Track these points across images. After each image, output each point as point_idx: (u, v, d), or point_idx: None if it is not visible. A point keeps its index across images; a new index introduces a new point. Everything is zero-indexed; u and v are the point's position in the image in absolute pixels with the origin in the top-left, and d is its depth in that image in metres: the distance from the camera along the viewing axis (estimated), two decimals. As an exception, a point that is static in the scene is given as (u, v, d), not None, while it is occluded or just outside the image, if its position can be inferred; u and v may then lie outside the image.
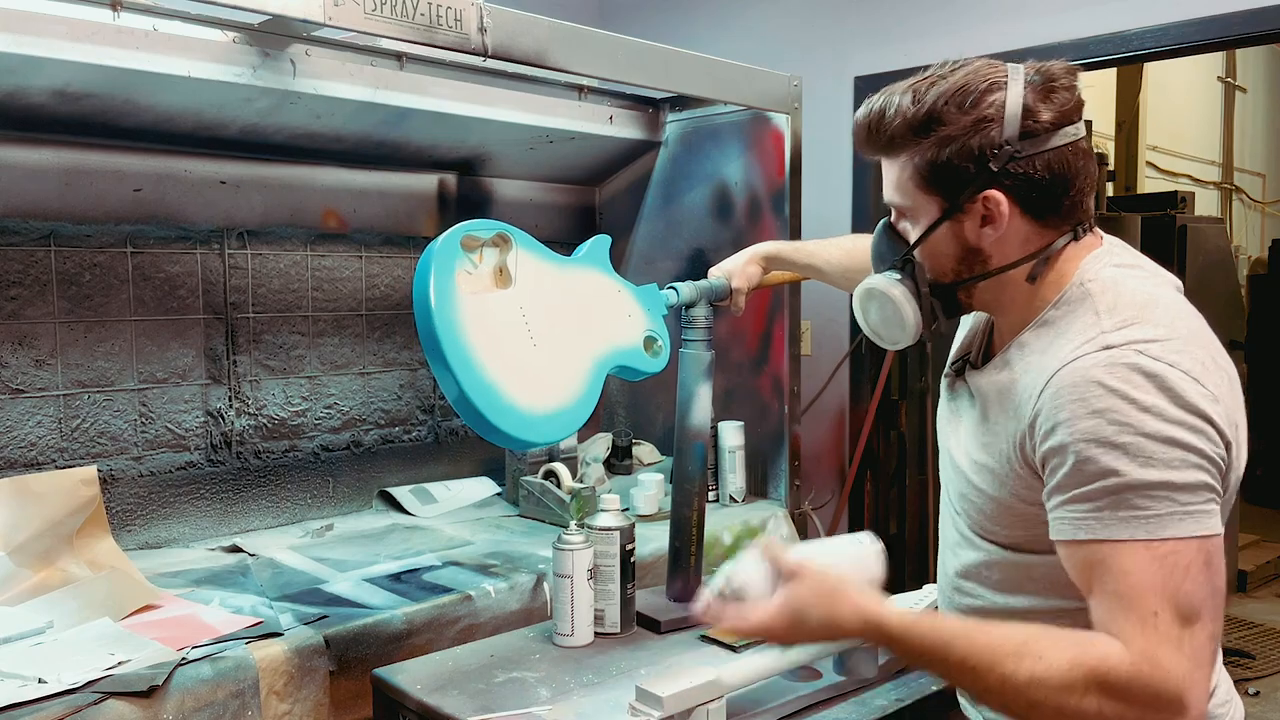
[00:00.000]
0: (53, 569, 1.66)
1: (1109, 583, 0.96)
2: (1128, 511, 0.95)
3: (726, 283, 1.75)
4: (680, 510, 1.75)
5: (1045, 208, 1.08)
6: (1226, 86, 6.76)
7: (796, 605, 1.09)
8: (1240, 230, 7.08)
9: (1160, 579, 0.93)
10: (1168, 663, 0.92)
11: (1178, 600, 0.93)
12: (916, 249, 1.14)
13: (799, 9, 3.12)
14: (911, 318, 1.15)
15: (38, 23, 1.54)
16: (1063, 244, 1.10)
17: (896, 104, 1.09)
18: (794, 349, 2.39)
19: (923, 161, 1.08)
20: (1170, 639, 0.92)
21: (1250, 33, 2.34)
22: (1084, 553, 0.98)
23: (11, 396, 1.84)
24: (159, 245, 2.01)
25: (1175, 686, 0.91)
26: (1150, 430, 0.95)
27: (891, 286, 1.16)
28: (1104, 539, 0.96)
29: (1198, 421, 0.96)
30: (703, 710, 1.27)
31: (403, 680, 1.46)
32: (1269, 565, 5.03)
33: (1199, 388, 0.97)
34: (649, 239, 2.66)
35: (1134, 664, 0.92)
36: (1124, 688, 0.92)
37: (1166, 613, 0.93)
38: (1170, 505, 0.94)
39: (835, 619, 1.08)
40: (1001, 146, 1.05)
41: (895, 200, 1.15)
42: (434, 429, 2.48)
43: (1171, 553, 0.94)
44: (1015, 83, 1.06)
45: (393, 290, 2.37)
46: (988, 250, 1.10)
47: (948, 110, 1.06)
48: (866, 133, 1.13)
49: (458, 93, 2.12)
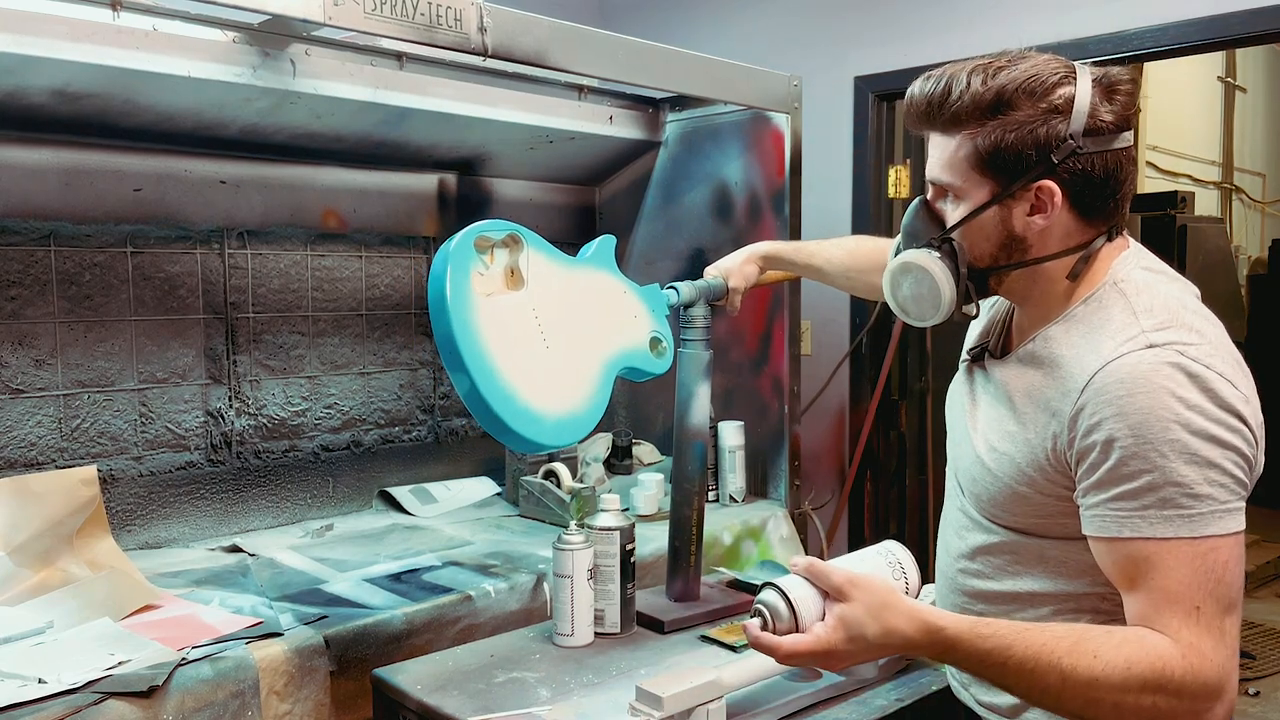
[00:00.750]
0: (53, 569, 1.66)
1: (1154, 579, 0.99)
2: (1173, 510, 0.98)
3: (723, 282, 1.76)
4: (680, 510, 1.75)
5: (1093, 205, 1.10)
6: (1226, 86, 6.76)
7: (852, 623, 1.07)
8: (1240, 230, 7.08)
9: (1202, 575, 0.98)
10: (1212, 654, 0.96)
11: (1217, 594, 0.97)
12: (958, 229, 1.14)
13: (799, 9, 3.12)
14: (948, 295, 1.15)
15: (38, 23, 1.54)
16: (1100, 244, 1.12)
17: (964, 83, 1.09)
18: (794, 349, 2.39)
19: (986, 143, 1.08)
20: (1213, 631, 0.97)
21: (1250, 33, 2.34)
22: (1127, 549, 1.01)
23: (11, 396, 1.84)
24: (159, 245, 2.01)
25: (1218, 675, 0.96)
26: (1196, 428, 0.98)
27: (932, 263, 1.15)
28: (1149, 537, 0.99)
29: (1235, 421, 0.99)
30: (703, 710, 1.27)
31: (403, 680, 1.46)
32: (1269, 565, 5.03)
33: (1234, 390, 1.00)
34: (649, 239, 2.66)
35: (1185, 658, 0.96)
36: (1177, 683, 0.96)
37: (1208, 607, 0.97)
38: (1211, 504, 0.98)
39: (893, 630, 1.06)
40: (1066, 140, 1.06)
41: (943, 178, 1.14)
42: (434, 429, 2.48)
43: (1212, 550, 0.98)
44: (1084, 80, 1.08)
45: (393, 290, 2.37)
46: (1031, 240, 1.12)
47: (1019, 96, 1.07)
48: (926, 106, 1.12)
49: (458, 93, 2.12)
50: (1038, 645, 1.00)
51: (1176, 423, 0.97)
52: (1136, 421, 0.99)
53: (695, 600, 1.75)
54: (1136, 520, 0.99)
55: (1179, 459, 0.97)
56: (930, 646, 1.06)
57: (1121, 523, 1.00)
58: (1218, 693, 0.96)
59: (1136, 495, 0.99)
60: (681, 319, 1.72)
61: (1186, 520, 0.98)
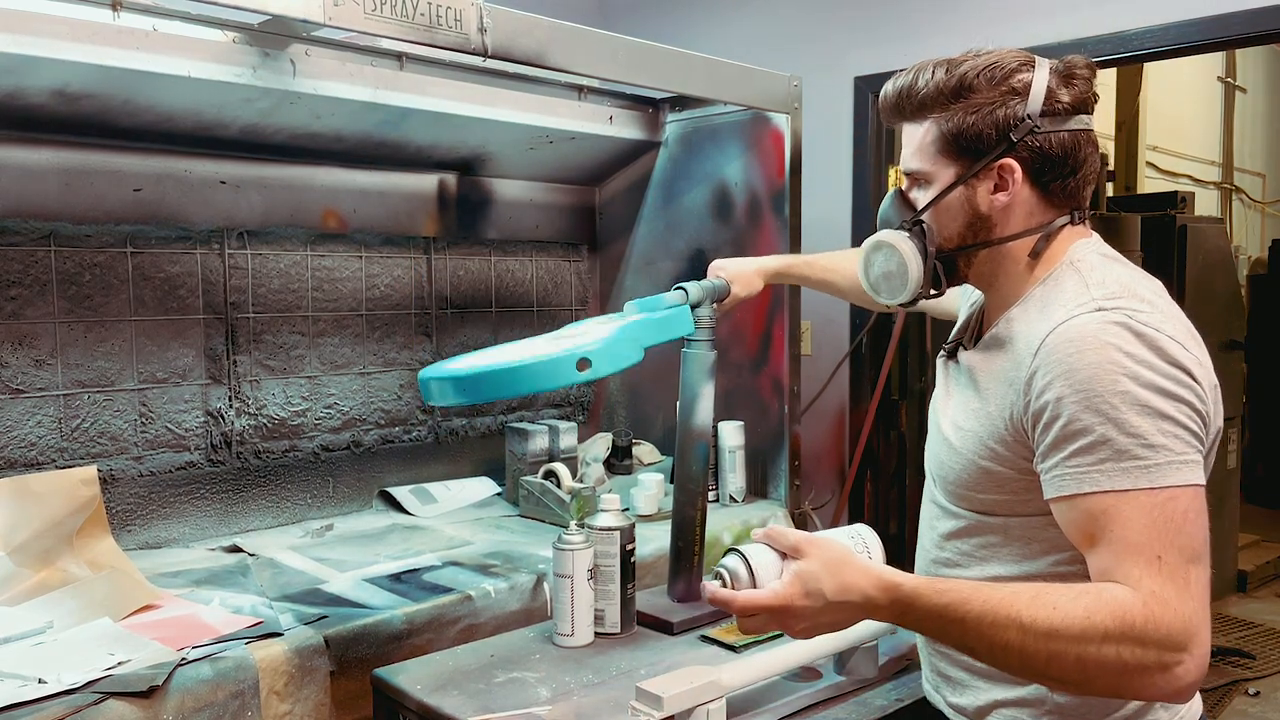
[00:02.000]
0: (53, 569, 1.66)
1: (1114, 531, 0.99)
2: (1129, 462, 0.98)
3: (727, 284, 1.77)
4: (683, 510, 1.75)
5: (1053, 183, 1.15)
6: (1226, 86, 6.76)
7: (809, 578, 1.08)
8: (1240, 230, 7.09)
9: (1162, 525, 0.97)
10: (1176, 602, 0.95)
11: (1179, 544, 0.97)
12: (927, 211, 1.20)
13: (799, 9, 3.12)
14: (915, 273, 1.20)
15: (38, 23, 1.54)
16: (1061, 223, 1.16)
17: (930, 73, 1.16)
18: (794, 349, 2.39)
19: (949, 126, 1.15)
20: (1176, 580, 0.96)
21: (1250, 33, 2.34)
22: (1086, 505, 1.01)
23: (11, 396, 1.84)
24: (159, 245, 2.01)
25: (1184, 624, 0.95)
26: (1145, 380, 0.99)
27: (901, 240, 1.21)
28: (1107, 490, 0.99)
29: (1185, 377, 1.01)
30: (703, 710, 1.27)
31: (403, 680, 1.46)
32: (1269, 565, 5.03)
33: (1184, 350, 1.02)
34: (649, 239, 2.66)
35: (1145, 605, 0.95)
36: (1139, 631, 0.94)
37: (1171, 556, 0.96)
38: (1167, 455, 0.98)
39: (850, 586, 1.06)
40: (1024, 120, 1.12)
41: (913, 165, 1.20)
42: (434, 429, 2.48)
43: (1171, 499, 0.98)
44: (1041, 68, 1.15)
45: (393, 290, 2.37)
46: (995, 218, 1.17)
47: (979, 81, 1.14)
48: (896, 98, 1.20)
49: (458, 93, 2.12)
50: (996, 599, 1.00)
51: (1125, 375, 0.99)
52: (1086, 377, 1.01)
53: (698, 600, 1.75)
54: (1095, 475, 1.00)
55: (1130, 410, 0.98)
56: (890, 606, 1.05)
57: (1080, 479, 1.01)
58: (1183, 643, 0.94)
59: (1091, 450, 1.00)
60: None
61: (1144, 470, 0.98)
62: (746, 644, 1.58)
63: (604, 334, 1.53)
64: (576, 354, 1.43)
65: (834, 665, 1.50)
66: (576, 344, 1.49)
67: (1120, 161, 5.61)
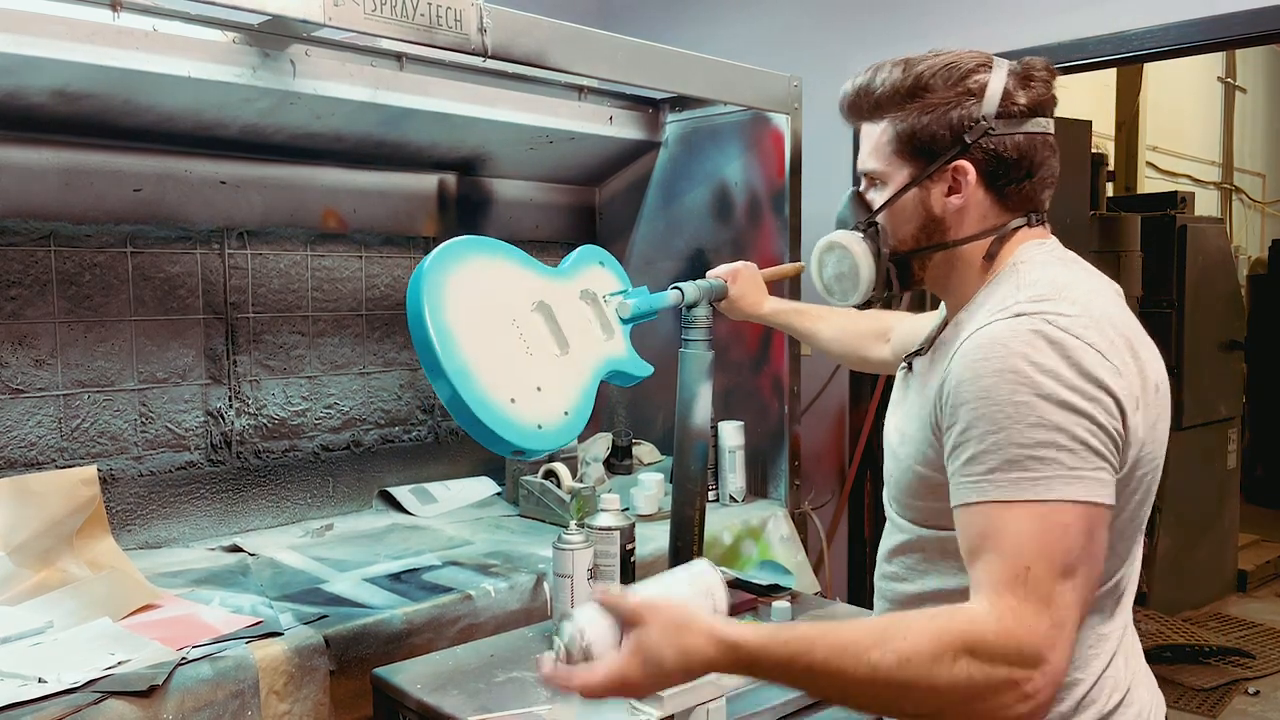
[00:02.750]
0: (53, 569, 1.66)
1: (990, 541, 0.96)
2: (1018, 473, 0.95)
3: (724, 284, 1.77)
4: (682, 510, 1.75)
5: (1007, 186, 1.13)
6: (1226, 86, 6.76)
7: (647, 647, 1.00)
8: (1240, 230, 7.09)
9: (1038, 537, 0.94)
10: (1033, 618, 0.91)
11: (1052, 556, 0.93)
12: (881, 213, 1.19)
13: (799, 9, 3.12)
14: (867, 273, 1.20)
15: (37, 23, 1.54)
16: (1017, 225, 1.14)
17: (887, 72, 1.15)
18: (794, 349, 2.39)
19: (904, 127, 1.14)
20: (1039, 595, 0.92)
21: (1250, 33, 2.34)
22: (972, 516, 0.99)
23: (11, 396, 1.84)
24: (159, 245, 2.01)
25: (1037, 641, 0.91)
26: (1046, 391, 0.96)
27: (853, 242, 1.21)
28: (994, 500, 0.97)
29: (1094, 390, 0.97)
30: (703, 710, 1.27)
31: (403, 680, 1.46)
32: (1269, 565, 5.03)
33: (1102, 360, 0.98)
34: (649, 239, 2.66)
35: (1000, 621, 0.91)
36: (989, 646, 0.91)
37: (1040, 568, 0.92)
38: (1057, 468, 0.95)
39: (691, 651, 0.99)
40: (978, 121, 1.11)
41: (869, 165, 1.19)
42: (434, 429, 2.48)
43: (1053, 512, 0.94)
44: (999, 69, 1.13)
45: (393, 290, 2.37)
46: (949, 220, 1.15)
47: (935, 81, 1.12)
48: (854, 97, 1.18)
49: (458, 93, 2.12)
50: (846, 638, 0.95)
51: (1025, 385, 0.96)
52: (986, 385, 0.98)
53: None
54: (984, 484, 0.97)
55: (1024, 421, 0.95)
56: (734, 664, 0.99)
57: (970, 488, 0.98)
58: (1034, 659, 0.90)
59: (983, 458, 0.97)
60: (684, 319, 1.73)
61: (1030, 483, 0.94)
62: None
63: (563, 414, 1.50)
64: (515, 445, 1.41)
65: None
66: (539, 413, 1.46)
67: (1120, 161, 5.61)
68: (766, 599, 1.78)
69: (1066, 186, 4.35)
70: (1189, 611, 4.49)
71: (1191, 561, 4.51)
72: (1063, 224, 1.23)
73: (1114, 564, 1.07)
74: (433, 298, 1.39)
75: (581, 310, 1.62)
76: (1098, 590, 1.02)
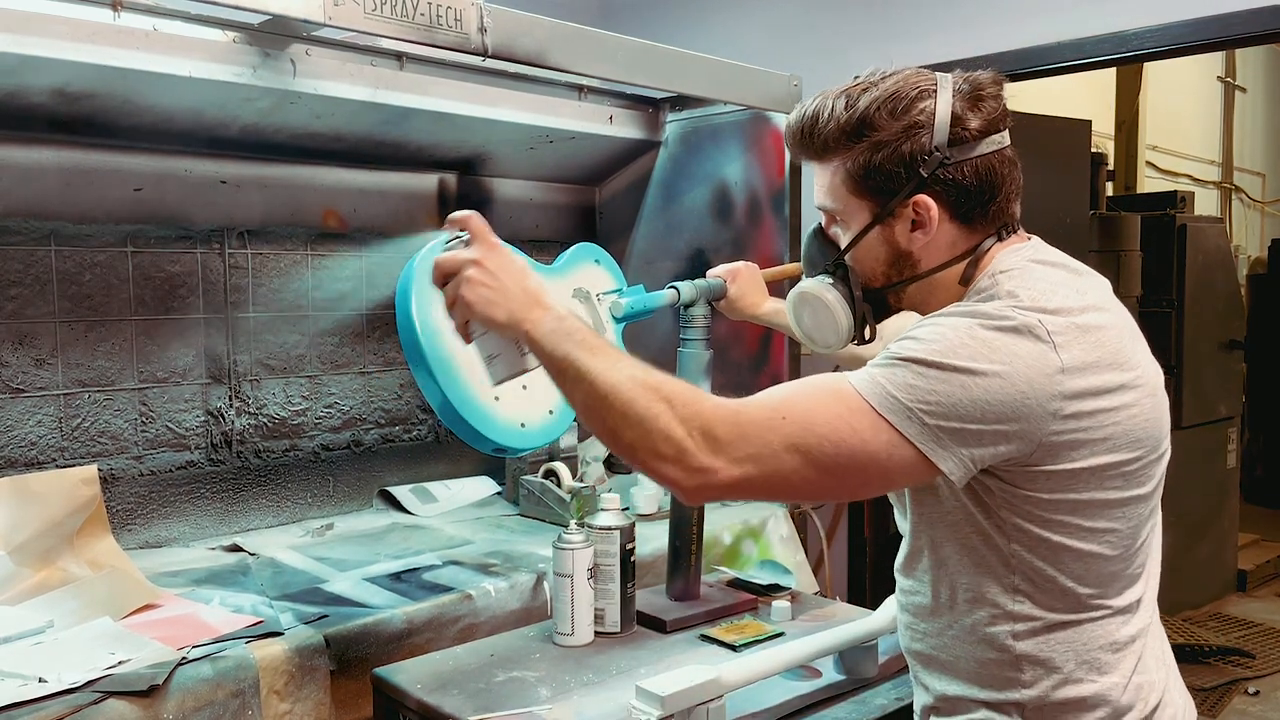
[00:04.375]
0: (53, 568, 1.66)
1: (800, 389, 1.04)
2: (885, 379, 0.99)
3: (723, 283, 1.76)
4: (680, 510, 1.75)
5: (972, 212, 1.11)
6: (1226, 86, 6.76)
7: (504, 251, 1.20)
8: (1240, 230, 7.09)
9: (828, 422, 0.98)
10: (747, 424, 1.00)
11: (810, 428, 0.99)
12: (848, 253, 1.17)
13: (799, 9, 3.12)
14: (844, 321, 1.18)
15: (38, 23, 1.54)
16: (988, 246, 1.12)
17: (830, 108, 1.12)
18: (794, 349, 2.39)
19: (855, 166, 1.11)
20: (768, 420, 1.00)
21: (1250, 33, 2.34)
22: (831, 376, 1.04)
23: (12, 396, 1.84)
24: (159, 245, 2.01)
25: (730, 442, 0.99)
26: (951, 339, 0.98)
27: (825, 291, 1.18)
28: (855, 386, 1.00)
29: (997, 368, 0.97)
30: (703, 710, 1.27)
31: (403, 680, 1.46)
32: (1269, 565, 5.04)
33: (1050, 352, 0.98)
34: (649, 239, 2.66)
35: (719, 406, 1.01)
36: (694, 411, 1.00)
37: (792, 428, 0.99)
38: (914, 399, 0.97)
39: (529, 281, 1.16)
40: (931, 153, 1.07)
41: (827, 204, 1.17)
42: (434, 428, 2.48)
43: (857, 405, 0.98)
44: (944, 91, 1.09)
45: (393, 290, 2.37)
46: (917, 254, 1.13)
47: (879, 116, 1.09)
48: (799, 136, 1.15)
49: (458, 93, 2.12)
50: (615, 349, 1.08)
51: (977, 325, 0.99)
52: (943, 320, 1.02)
53: (696, 600, 1.75)
54: (873, 368, 1.01)
55: (930, 345, 0.98)
56: (544, 312, 1.13)
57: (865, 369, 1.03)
58: (715, 448, 0.99)
59: (883, 355, 1.02)
60: (682, 318, 1.72)
61: (883, 394, 0.98)
62: (746, 643, 1.58)
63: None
64: (497, 443, 1.43)
65: (834, 664, 1.50)
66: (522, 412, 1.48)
67: (1120, 161, 5.62)
68: (766, 598, 1.78)
69: (1066, 186, 4.37)
70: (1189, 611, 4.49)
71: (1191, 561, 4.51)
72: (1063, 224, 1.22)
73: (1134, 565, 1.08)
74: (421, 295, 1.40)
75: (574, 308, 1.61)
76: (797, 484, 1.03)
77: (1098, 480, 1.01)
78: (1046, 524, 1.02)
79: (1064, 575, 1.04)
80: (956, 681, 1.13)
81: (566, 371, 1.08)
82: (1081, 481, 1.01)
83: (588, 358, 1.06)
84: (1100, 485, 1.01)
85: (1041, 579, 1.04)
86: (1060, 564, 1.04)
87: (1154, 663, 1.10)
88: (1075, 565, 1.04)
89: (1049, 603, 1.05)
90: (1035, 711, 1.07)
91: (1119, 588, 1.07)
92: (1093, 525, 1.03)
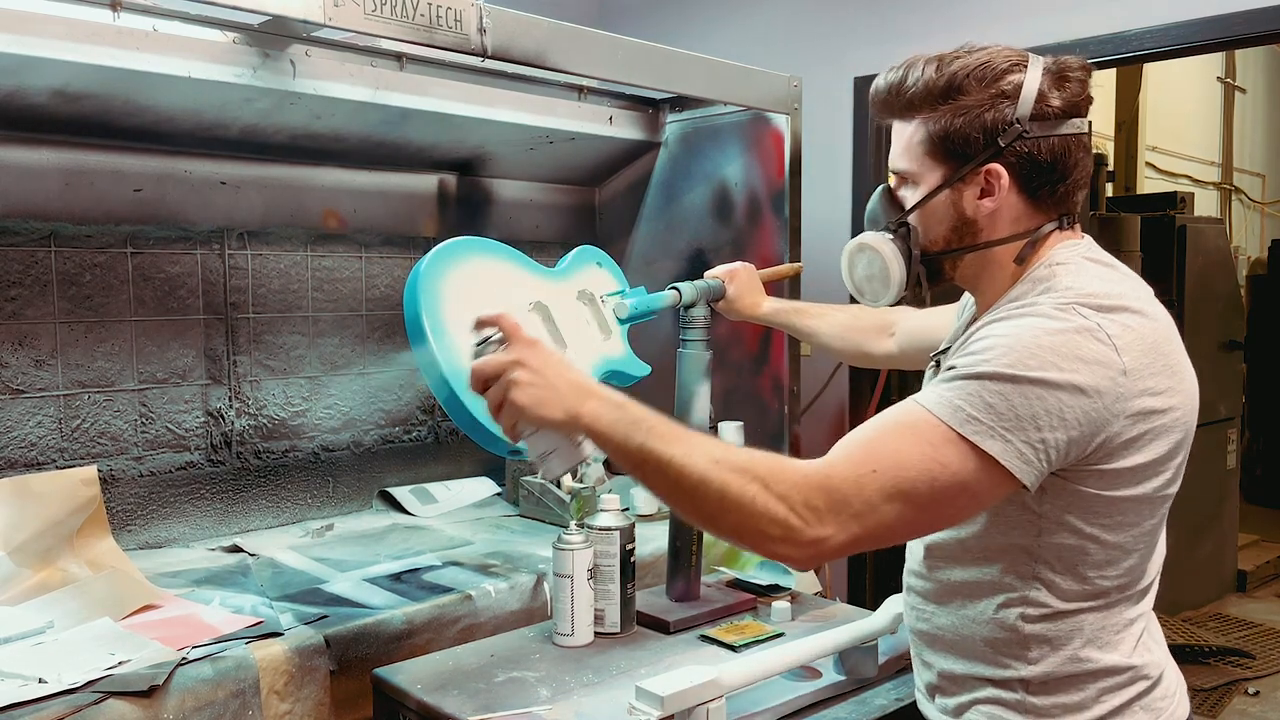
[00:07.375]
0: (53, 569, 1.66)
1: (876, 430, 1.04)
2: (952, 390, 1.00)
3: (723, 284, 1.77)
4: (680, 510, 1.75)
5: (1041, 190, 1.12)
6: (1226, 87, 6.76)
7: (542, 347, 1.15)
8: (1240, 230, 7.09)
9: (914, 463, 0.98)
10: (841, 494, 0.99)
11: (905, 472, 0.98)
12: (913, 213, 1.18)
13: (799, 9, 3.13)
14: (897, 275, 1.19)
15: (37, 23, 1.54)
16: (1049, 229, 1.14)
17: (921, 70, 1.14)
18: (794, 349, 2.39)
19: (937, 128, 1.12)
20: (856, 478, 1.00)
21: (1250, 33, 2.34)
22: (905, 404, 1.05)
23: (11, 396, 1.84)
24: (159, 245, 2.01)
25: (831, 507, 0.99)
26: (1018, 349, 0.99)
27: (883, 244, 1.20)
28: (923, 405, 1.02)
29: (1074, 377, 0.98)
30: (703, 710, 1.27)
31: (403, 680, 1.46)
32: (1269, 565, 5.04)
33: (1113, 354, 1.00)
34: (649, 239, 2.66)
35: (809, 474, 1.01)
36: (787, 484, 1.00)
37: (886, 475, 0.99)
38: (993, 418, 0.98)
39: (574, 375, 1.13)
40: (1012, 124, 1.09)
41: (900, 165, 1.18)
42: (434, 429, 2.48)
43: (946, 444, 0.98)
44: (1034, 68, 1.11)
45: (393, 290, 2.37)
46: (981, 222, 1.14)
47: (968, 82, 1.10)
48: (886, 94, 1.17)
49: (458, 93, 2.12)
50: (684, 430, 1.06)
51: (1042, 331, 1.00)
52: (1008, 329, 1.03)
53: (696, 600, 1.75)
54: (941, 386, 1.02)
55: (1002, 361, 0.99)
56: (602, 401, 1.10)
57: (933, 386, 1.03)
58: (816, 518, 0.98)
59: (950, 377, 1.02)
60: (682, 319, 1.73)
61: (965, 418, 0.98)
62: (746, 643, 1.58)
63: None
64: (513, 445, 1.42)
65: (834, 665, 1.50)
66: None
67: (1120, 161, 5.62)
68: (766, 599, 1.78)
69: (1066, 186, 4.28)
70: (1189, 611, 4.49)
71: (1191, 561, 4.51)
72: (1062, 224, 1.24)
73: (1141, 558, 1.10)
74: (429, 298, 1.40)
75: (579, 311, 1.62)
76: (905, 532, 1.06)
77: (1141, 477, 1.04)
78: (1086, 514, 1.05)
79: (1085, 565, 1.07)
80: (961, 660, 1.15)
81: (646, 464, 1.05)
82: (1126, 478, 1.03)
83: (664, 447, 1.04)
84: (1142, 482, 1.04)
85: (1064, 567, 1.07)
86: (1085, 554, 1.06)
87: (1153, 642, 1.14)
88: (1099, 555, 1.06)
89: (1066, 590, 1.07)
90: (1039, 685, 1.09)
91: (1135, 577, 1.10)
92: (1123, 519, 1.05)
